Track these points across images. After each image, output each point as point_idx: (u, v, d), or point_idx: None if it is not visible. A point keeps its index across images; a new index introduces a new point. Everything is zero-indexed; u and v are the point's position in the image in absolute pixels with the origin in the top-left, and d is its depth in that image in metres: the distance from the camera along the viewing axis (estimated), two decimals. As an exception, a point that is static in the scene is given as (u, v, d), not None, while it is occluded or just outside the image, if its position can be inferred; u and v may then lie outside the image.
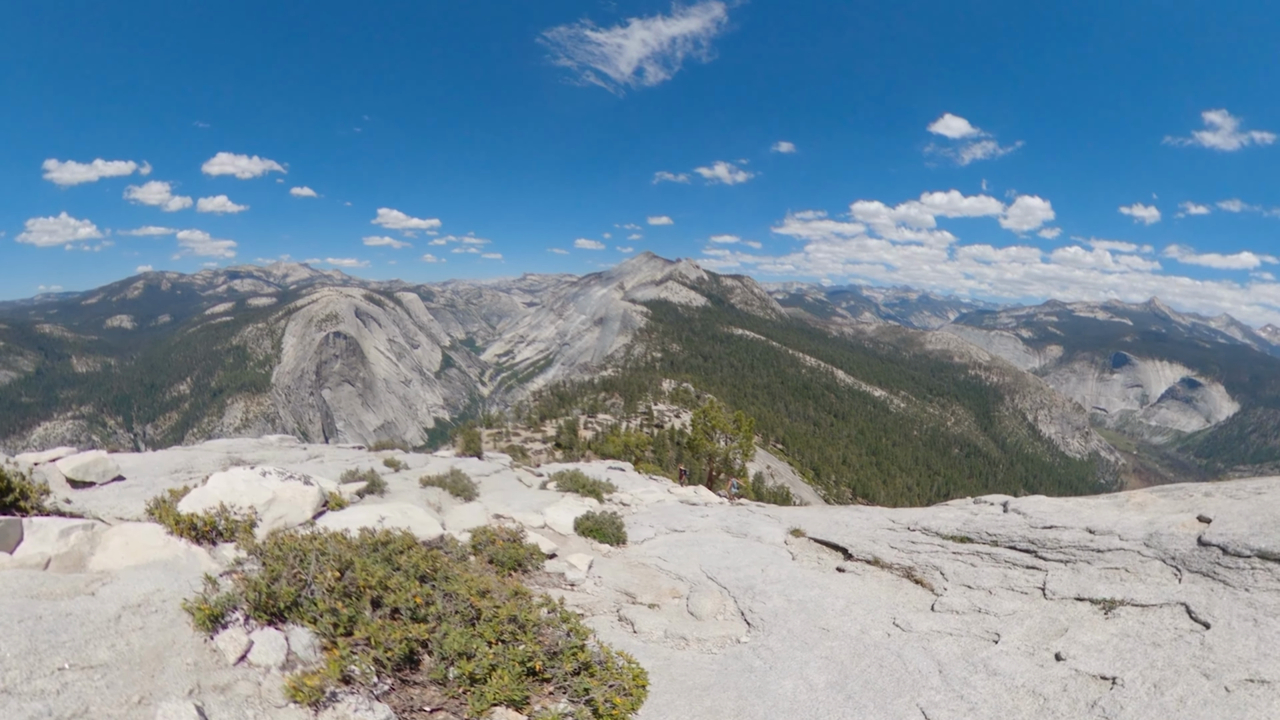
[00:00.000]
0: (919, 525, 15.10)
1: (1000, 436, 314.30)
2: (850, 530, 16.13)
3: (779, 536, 16.98)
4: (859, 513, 19.78)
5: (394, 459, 23.88)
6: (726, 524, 18.90)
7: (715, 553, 15.44)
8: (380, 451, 27.92)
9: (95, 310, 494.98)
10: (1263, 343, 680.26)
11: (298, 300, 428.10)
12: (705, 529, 18.41)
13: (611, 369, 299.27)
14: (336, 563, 6.86)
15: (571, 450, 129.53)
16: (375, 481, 17.63)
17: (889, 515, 18.21)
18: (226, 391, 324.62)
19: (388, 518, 11.08)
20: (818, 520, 18.65)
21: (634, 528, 17.80)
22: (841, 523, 17.53)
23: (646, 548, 16.12)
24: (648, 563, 14.68)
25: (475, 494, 19.42)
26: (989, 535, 12.86)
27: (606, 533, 16.13)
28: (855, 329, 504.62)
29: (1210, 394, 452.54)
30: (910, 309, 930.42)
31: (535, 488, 23.63)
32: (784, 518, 19.89)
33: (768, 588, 12.22)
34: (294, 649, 5.92)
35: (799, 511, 22.60)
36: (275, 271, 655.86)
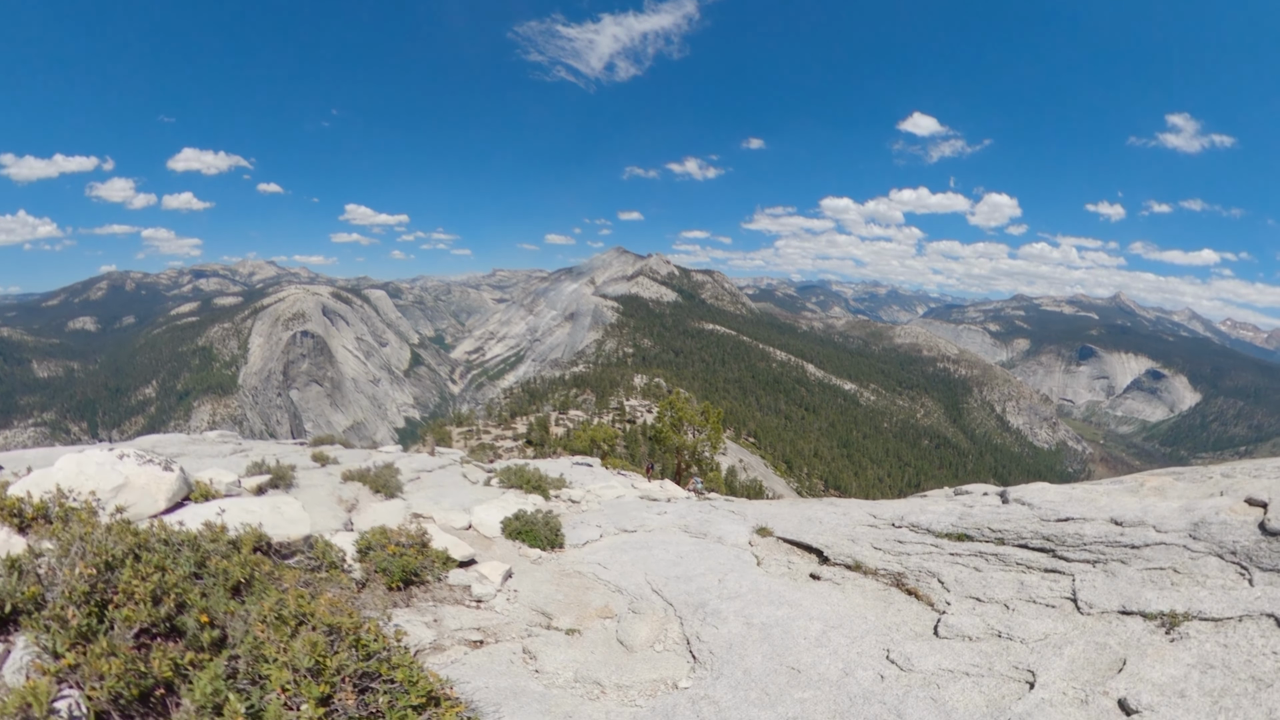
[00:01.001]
0: (905, 521, 13.36)
1: (969, 428, 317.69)
2: (825, 528, 14.45)
3: (743, 536, 15.42)
4: (834, 507, 17.89)
5: (323, 454, 22.05)
6: (685, 522, 17.46)
7: (667, 558, 13.80)
8: (318, 447, 25.76)
9: (57, 312, 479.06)
10: (1223, 336, 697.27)
11: (264, 299, 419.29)
12: (661, 528, 16.94)
13: (583, 365, 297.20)
14: (98, 558, 5.32)
15: (543, 447, 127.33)
16: (282, 475, 15.89)
17: (869, 509, 16.34)
18: (193, 394, 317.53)
19: (256, 512, 9.54)
20: (788, 516, 16.86)
21: (578, 528, 16.24)
22: (815, 519, 15.79)
23: (587, 552, 14.47)
24: (584, 571, 12.95)
25: (399, 491, 17.69)
26: (992, 531, 11.06)
27: (538, 535, 14.51)
28: (825, 323, 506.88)
29: (1174, 385, 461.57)
30: (879, 304, 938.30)
31: (479, 484, 21.99)
32: (750, 514, 18.22)
33: (723, 605, 10.32)
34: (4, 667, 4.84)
35: (767, 506, 20.88)
36: (241, 270, 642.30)
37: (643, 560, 13.56)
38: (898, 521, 13.60)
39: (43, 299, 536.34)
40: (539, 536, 14.47)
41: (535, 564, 13.29)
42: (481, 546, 13.53)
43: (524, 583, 11.64)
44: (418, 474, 22.49)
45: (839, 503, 19.29)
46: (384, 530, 10.71)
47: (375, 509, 15.19)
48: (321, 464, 20.73)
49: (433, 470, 23.86)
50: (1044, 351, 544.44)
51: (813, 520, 15.59)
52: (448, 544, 11.66)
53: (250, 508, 9.85)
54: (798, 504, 21.17)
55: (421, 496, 18.00)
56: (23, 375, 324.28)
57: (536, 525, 14.66)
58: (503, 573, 11.37)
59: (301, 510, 10.49)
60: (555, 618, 10.24)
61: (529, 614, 10.23)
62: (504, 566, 11.57)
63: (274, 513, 9.81)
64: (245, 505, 10.02)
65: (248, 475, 15.70)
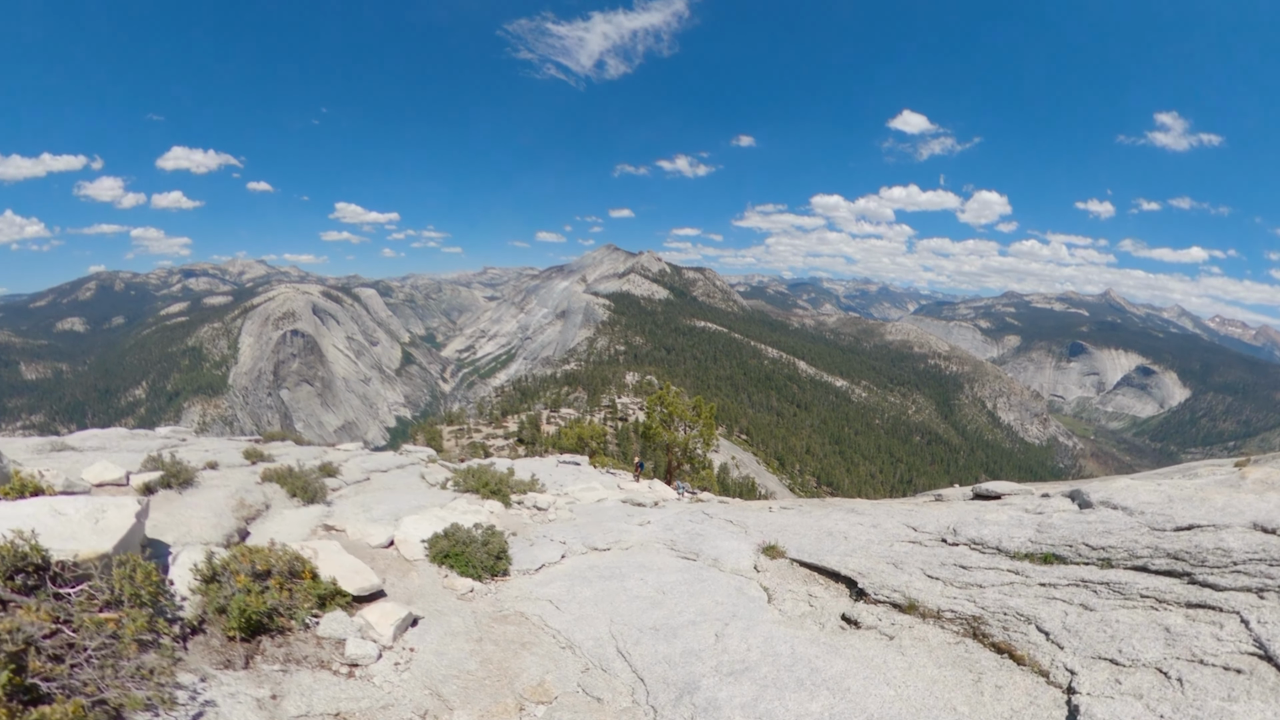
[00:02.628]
0: (962, 536, 11.03)
1: (960, 424, 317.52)
2: (854, 546, 11.96)
3: (746, 558, 12.90)
4: (857, 515, 15.15)
5: (257, 450, 20.18)
6: (672, 536, 15.00)
7: (644, 593, 11.00)
8: (269, 443, 24.33)
9: (45, 313, 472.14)
10: (1211, 332, 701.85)
11: (254, 298, 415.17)
12: (641, 545, 14.48)
13: (574, 363, 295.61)
14: None
15: (534, 445, 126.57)
16: (177, 472, 13.67)
17: (904, 519, 13.65)
18: (183, 394, 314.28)
19: (67, 515, 7.34)
20: (800, 529, 14.15)
21: (536, 545, 14.07)
22: (837, 533, 13.25)
23: (537, 582, 11.79)
24: (527, 613, 10.19)
25: (324, 494, 15.74)
26: (1091, 549, 8.83)
27: (472, 559, 11.83)
28: (816, 320, 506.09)
29: (1163, 381, 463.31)
30: (870, 301, 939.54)
31: (436, 487, 20.11)
32: (752, 525, 15.58)
33: (724, 689, 7.31)
34: None
35: (774, 516, 17.45)
36: (231, 269, 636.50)
37: (610, 597, 10.82)
38: (950, 536, 11.29)
39: (30, 300, 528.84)
40: (473, 561, 11.83)
41: (463, 600, 10.58)
42: (396, 573, 11.13)
43: (430, 636, 8.73)
44: (368, 474, 20.57)
45: (861, 508, 16.57)
46: (248, 551, 8.31)
47: (283, 517, 13.34)
48: (252, 461, 18.80)
49: (389, 470, 22.04)
50: (1035, 348, 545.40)
51: (834, 535, 13.16)
52: (345, 570, 9.40)
53: (62, 510, 7.40)
54: (808, 510, 18.06)
55: (353, 503, 15.82)
56: (10, 377, 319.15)
57: (472, 546, 12.06)
58: (396, 622, 8.58)
59: (129, 518, 7.66)
60: (455, 707, 7.29)
61: (419, 694, 7.31)
62: (401, 612, 8.82)
63: (86, 520, 7.36)
64: (55, 507, 7.55)
65: (143, 470, 13.87)
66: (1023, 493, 16.75)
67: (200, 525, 11.23)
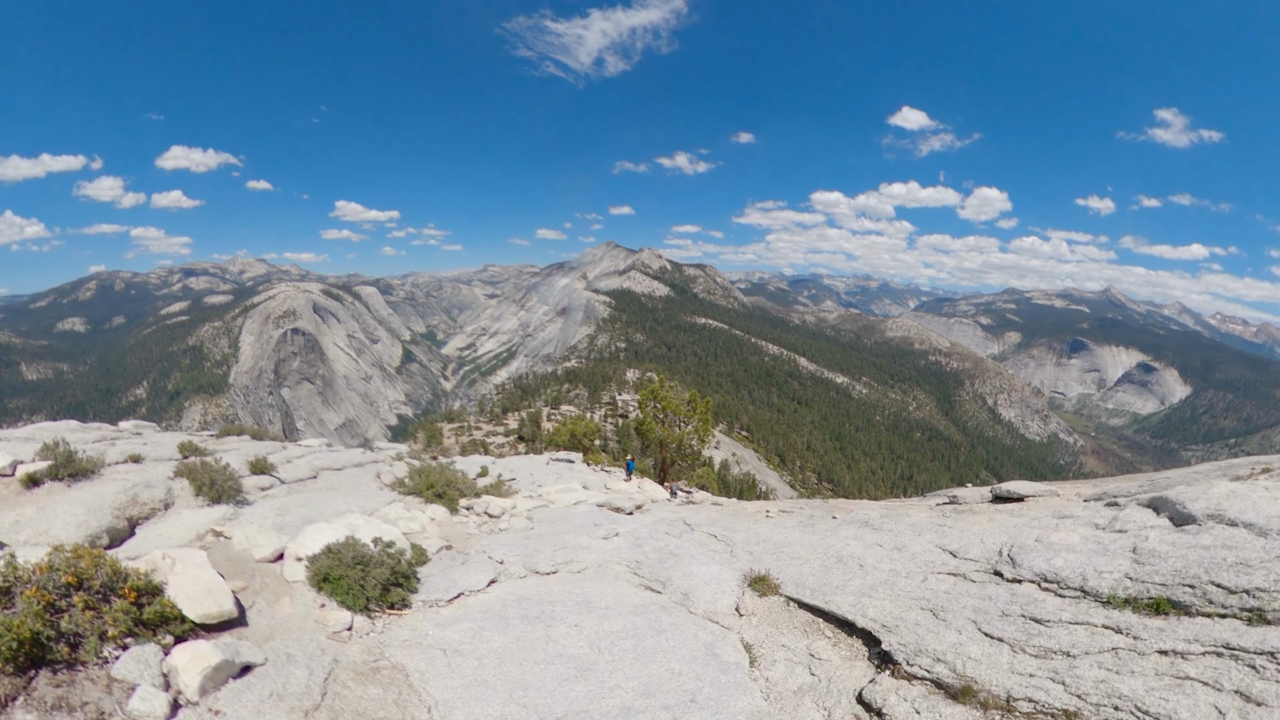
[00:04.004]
0: (1026, 568, 8.58)
1: (961, 420, 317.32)
2: (872, 579, 9.62)
3: (726, 593, 10.57)
4: (874, 534, 12.30)
5: (193, 444, 18.40)
6: (639, 554, 12.91)
7: (574, 649, 8.67)
8: (225, 439, 23.53)
9: (45, 313, 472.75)
10: (1212, 330, 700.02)
11: (254, 297, 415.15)
12: (597, 567, 12.38)
13: (575, 360, 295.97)
14: None
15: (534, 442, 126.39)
16: (71, 463, 12.77)
17: (936, 538, 11.23)
18: (184, 394, 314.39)
19: None
20: (801, 550, 11.81)
21: (468, 564, 12.29)
22: (849, 559, 10.77)
23: (443, 619, 9.65)
24: (409, 668, 8.12)
25: (233, 494, 14.33)
26: (1226, 592, 6.59)
27: (353, 586, 9.70)
28: (817, 317, 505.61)
29: (1164, 378, 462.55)
30: (871, 297, 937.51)
31: (386, 488, 18.98)
32: (740, 542, 13.21)
33: None
34: None
35: (769, 529, 14.70)
36: (231, 268, 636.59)
37: (525, 652, 8.45)
38: (1007, 568, 8.72)
39: (31, 300, 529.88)
40: (354, 588, 9.61)
41: (333, 640, 8.52)
42: (269, 596, 9.34)
43: (249, 698, 6.59)
44: (317, 472, 19.16)
45: (877, 521, 13.72)
46: (65, 558, 7.02)
47: (178, 518, 12.04)
48: (184, 455, 17.11)
49: (344, 468, 20.59)
50: (1035, 345, 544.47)
51: (845, 561, 10.54)
52: (199, 589, 7.92)
53: None
54: (809, 516, 15.66)
55: (273, 505, 14.22)
56: (11, 378, 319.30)
57: (357, 569, 9.88)
58: (208, 670, 6.55)
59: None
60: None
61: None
62: (216, 657, 6.70)
63: None
64: None
65: (34, 461, 12.88)
66: (1047, 493, 15.36)
67: (64, 524, 10.24)
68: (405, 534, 13.68)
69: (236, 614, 8.20)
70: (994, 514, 13.22)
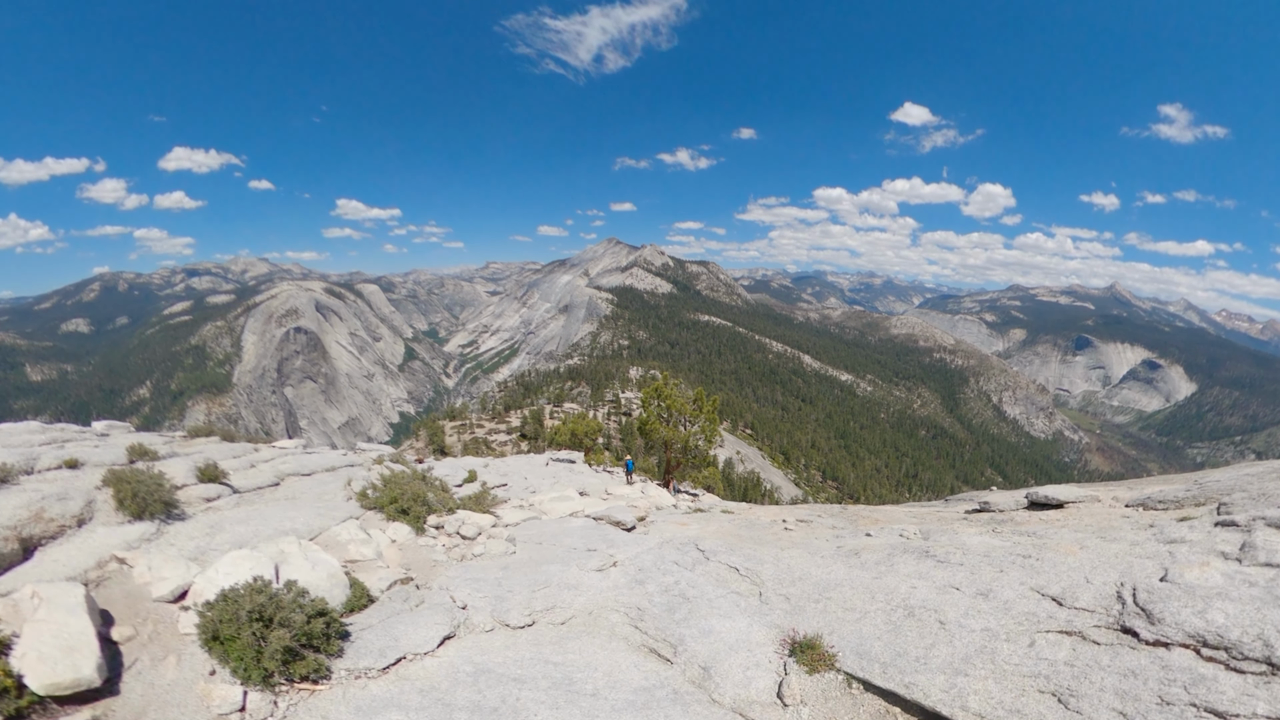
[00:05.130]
0: (1171, 622, 6.69)
1: (966, 418, 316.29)
2: (961, 644, 7.40)
3: (762, 668, 8.13)
4: (944, 570, 9.68)
5: (143, 447, 16.18)
6: (642, 597, 10.41)
7: None
8: (194, 440, 21.10)
9: (49, 315, 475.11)
10: (1218, 326, 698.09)
11: (257, 296, 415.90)
12: (588, 616, 10.01)
13: (578, 357, 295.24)
14: None
15: (537, 440, 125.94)
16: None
17: (1024, 576, 8.88)
18: (187, 393, 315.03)
19: None
20: (850, 594, 9.34)
21: (420, 610, 9.88)
22: (920, 609, 8.39)
23: (365, 704, 7.35)
24: None
25: (158, 507, 12.09)
26: None
27: (246, 651, 7.56)
28: (821, 314, 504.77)
29: (1170, 375, 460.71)
30: (875, 294, 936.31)
31: (353, 499, 16.77)
32: (770, 578, 10.65)
33: None
34: None
35: (798, 559, 11.67)
36: (234, 268, 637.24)
37: None
38: (1140, 623, 6.84)
39: (35, 302, 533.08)
40: (249, 654, 7.48)
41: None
42: (153, 653, 7.64)
43: None
44: (281, 479, 17.29)
45: (940, 548, 10.81)
46: None
47: (89, 537, 10.37)
48: (131, 459, 15.29)
49: (313, 474, 18.69)
50: (1040, 342, 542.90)
51: (916, 614, 8.27)
52: (57, 646, 6.43)
53: None
54: (838, 537, 12.93)
55: (206, 521, 12.35)
56: (16, 379, 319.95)
57: (262, 623, 7.75)
58: None
59: None
60: None
61: None
62: None
63: None
64: None
65: None
66: (1087, 499, 14.11)
67: None
68: (351, 563, 11.83)
69: (100, 682, 6.39)
70: (1078, 535, 10.82)
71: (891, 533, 13.20)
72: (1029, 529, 12.17)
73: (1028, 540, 10.84)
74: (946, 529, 13.12)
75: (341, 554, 12.17)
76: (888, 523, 15.55)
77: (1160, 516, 11.97)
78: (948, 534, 12.00)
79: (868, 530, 13.76)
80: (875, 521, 15.87)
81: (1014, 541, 10.87)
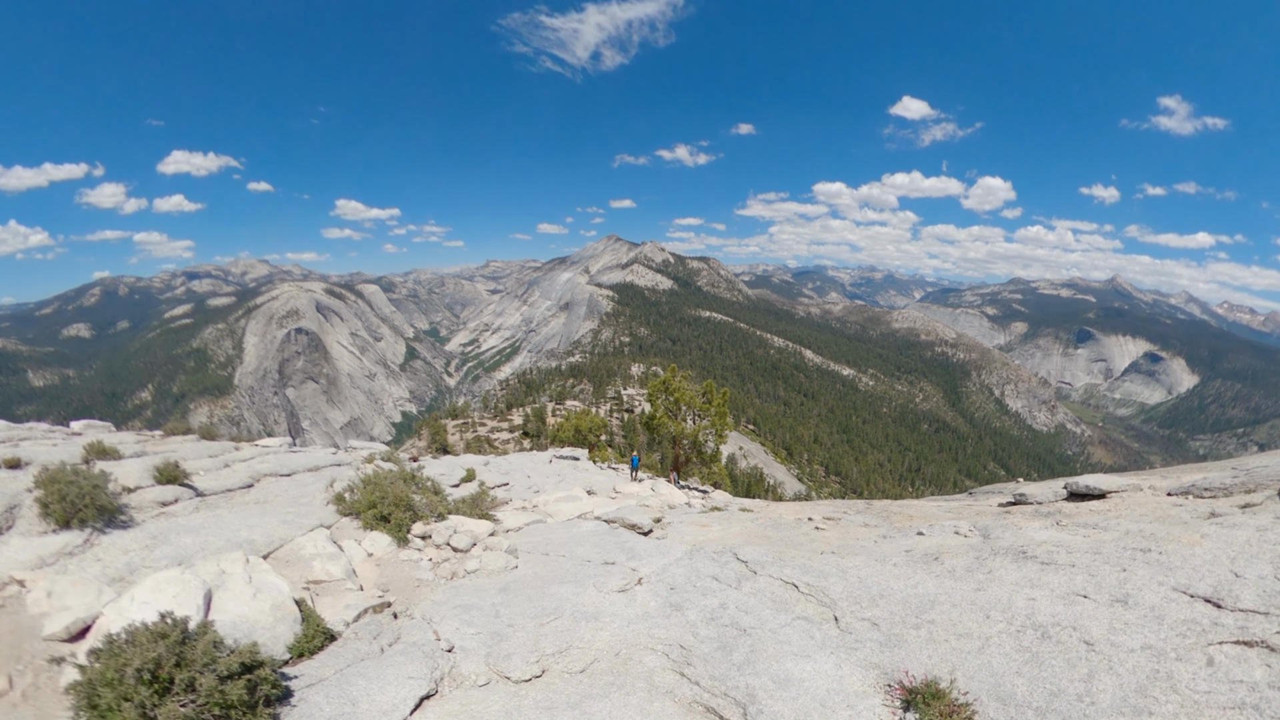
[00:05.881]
0: None
1: (968, 411, 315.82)
2: (1128, 677, 5.97)
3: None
4: (1055, 575, 8.18)
5: (102, 445, 15.29)
6: (684, 627, 8.40)
7: None
8: (170, 439, 20.93)
9: (50, 320, 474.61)
10: (1220, 319, 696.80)
11: (257, 298, 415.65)
12: (611, 658, 7.95)
13: (579, 355, 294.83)
14: None
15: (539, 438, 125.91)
16: None
17: (1159, 576, 7.61)
18: (189, 396, 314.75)
19: None
20: (954, 613, 7.66)
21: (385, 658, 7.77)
22: (1050, 627, 6.88)
23: None
24: None
25: (91, 514, 10.45)
26: None
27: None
28: (822, 309, 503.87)
29: (1171, 367, 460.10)
30: (876, 289, 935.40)
31: (330, 502, 15.13)
32: (840, 599, 8.59)
33: None
34: None
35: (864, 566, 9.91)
36: (234, 270, 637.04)
37: None
38: None
39: (36, 308, 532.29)
40: None
41: None
42: (21, 719, 6.09)
43: None
44: (256, 480, 15.82)
45: (1037, 543, 9.37)
46: None
47: None
48: (86, 459, 14.27)
49: (293, 474, 17.25)
50: (1041, 335, 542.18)
51: (1051, 636, 6.70)
52: None
53: None
54: (931, 556, 10.06)
55: (151, 530, 10.61)
56: (19, 385, 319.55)
57: (155, 689, 5.85)
58: None
59: None
60: None
61: None
62: None
63: None
64: None
65: None
66: (1129, 488, 13.41)
67: None
68: (314, 584, 9.86)
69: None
70: (1158, 527, 9.66)
71: (943, 530, 12.00)
72: (1088, 520, 11.25)
73: (1108, 534, 9.64)
74: (1006, 524, 11.92)
75: (303, 572, 10.26)
76: (924, 519, 14.64)
77: (1218, 504, 11.38)
78: (1012, 530, 10.86)
79: (918, 529, 12.49)
80: (910, 518, 14.90)
81: (1097, 535, 9.68)
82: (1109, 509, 12.44)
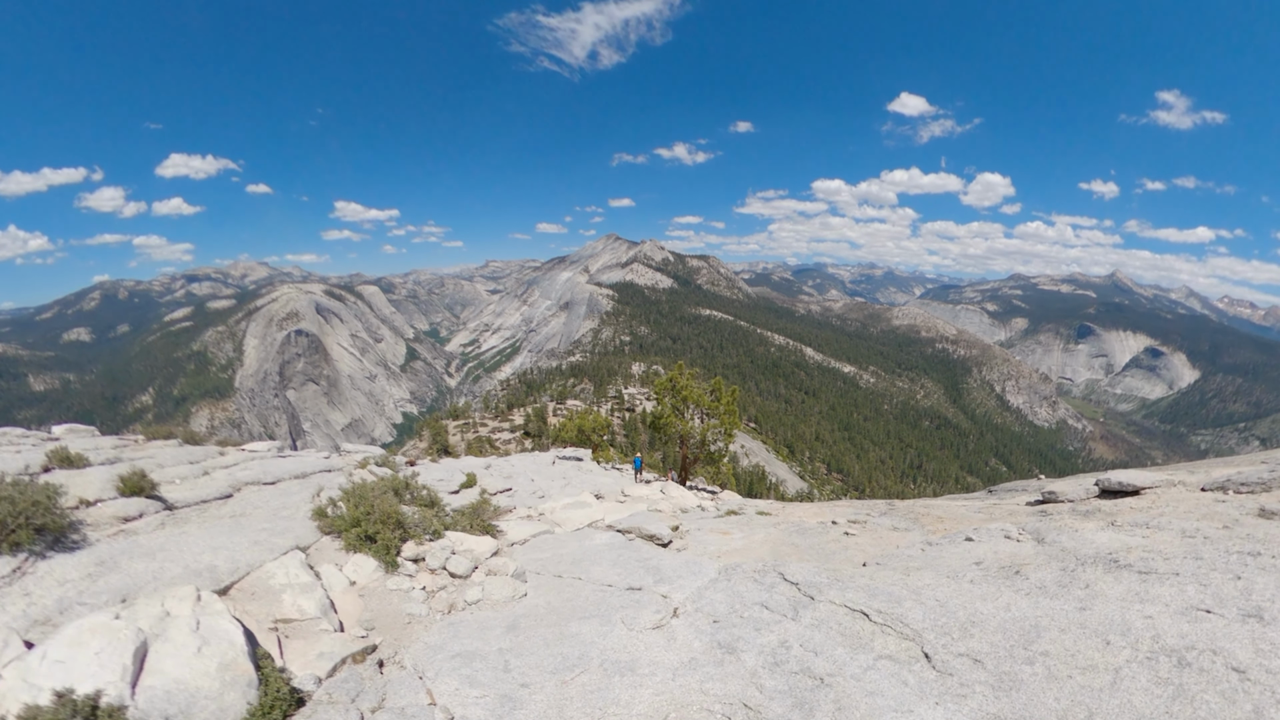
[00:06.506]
0: None
1: (969, 408, 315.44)
2: None
3: None
4: (1167, 589, 6.72)
5: (65, 452, 13.65)
6: (745, 680, 6.58)
7: None
8: (151, 443, 19.40)
9: (51, 325, 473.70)
10: (1220, 313, 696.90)
11: (257, 300, 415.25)
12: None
13: (579, 354, 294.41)
14: None
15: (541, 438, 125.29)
16: None
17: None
18: (190, 399, 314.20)
19: None
20: (1068, 642, 6.16)
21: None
22: (1185, 650, 5.50)
23: None
24: None
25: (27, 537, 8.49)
26: None
27: None
28: (822, 307, 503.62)
29: (1172, 362, 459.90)
30: (876, 285, 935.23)
31: (314, 515, 13.18)
32: (925, 630, 6.89)
33: None
34: None
35: (943, 590, 7.90)
36: (234, 272, 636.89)
37: None
38: None
39: (36, 312, 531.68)
40: None
41: None
42: None
43: None
44: (236, 489, 14.54)
45: (1128, 554, 7.91)
46: None
47: None
48: (46, 467, 12.95)
49: (278, 481, 16.02)
50: (1042, 330, 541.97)
51: (1187, 662, 5.45)
52: None
53: None
54: (1010, 569, 8.29)
55: (93, 556, 8.78)
56: (19, 390, 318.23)
57: None
58: None
59: None
60: None
61: None
62: None
63: None
64: None
65: None
66: (1164, 484, 12.81)
67: None
68: (283, 623, 8.40)
69: None
70: (1246, 519, 8.98)
71: (992, 535, 10.57)
72: (1137, 519, 10.24)
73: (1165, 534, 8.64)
74: (1059, 526, 10.57)
75: (270, 608, 8.63)
76: (956, 521, 13.68)
77: (1263, 500, 10.81)
78: (1068, 532, 9.62)
79: (965, 534, 10.95)
80: (940, 520, 13.78)
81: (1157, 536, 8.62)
82: (1149, 506, 11.87)
